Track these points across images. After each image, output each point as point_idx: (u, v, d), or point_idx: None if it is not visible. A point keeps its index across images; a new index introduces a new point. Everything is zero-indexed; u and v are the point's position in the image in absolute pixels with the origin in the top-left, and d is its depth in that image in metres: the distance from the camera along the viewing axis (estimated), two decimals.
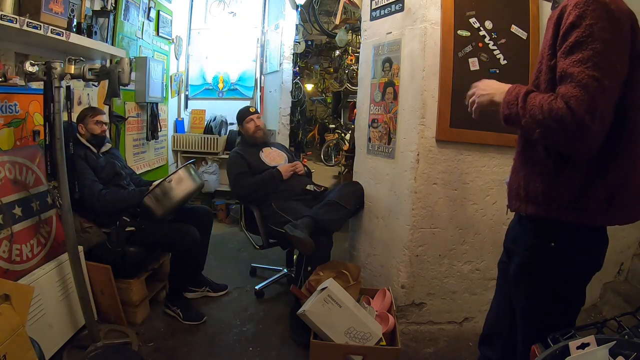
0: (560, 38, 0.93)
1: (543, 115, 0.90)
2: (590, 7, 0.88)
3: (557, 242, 1.01)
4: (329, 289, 1.73)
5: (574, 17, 0.89)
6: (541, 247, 1.04)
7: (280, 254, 2.85)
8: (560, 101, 0.87)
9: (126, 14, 2.84)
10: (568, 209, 0.98)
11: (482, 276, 2.17)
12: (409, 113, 2.05)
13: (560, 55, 0.92)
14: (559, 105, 0.87)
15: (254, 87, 4.29)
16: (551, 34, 0.98)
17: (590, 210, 0.97)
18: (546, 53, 0.99)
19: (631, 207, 1.00)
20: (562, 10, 0.95)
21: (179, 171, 2.20)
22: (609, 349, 0.86)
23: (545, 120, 0.89)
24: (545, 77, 0.99)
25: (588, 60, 0.86)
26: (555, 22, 0.96)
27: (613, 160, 0.96)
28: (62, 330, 1.80)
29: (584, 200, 0.97)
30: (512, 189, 1.13)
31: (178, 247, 2.14)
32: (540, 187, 1.02)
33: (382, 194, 2.26)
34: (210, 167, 4.11)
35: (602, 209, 0.97)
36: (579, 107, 0.84)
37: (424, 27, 1.95)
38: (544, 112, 0.89)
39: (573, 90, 0.86)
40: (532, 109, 0.92)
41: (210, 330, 2.13)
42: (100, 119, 2.16)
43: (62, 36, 1.89)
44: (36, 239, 1.76)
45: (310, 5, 5.52)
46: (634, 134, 0.96)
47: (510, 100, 0.99)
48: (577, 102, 0.85)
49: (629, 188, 0.98)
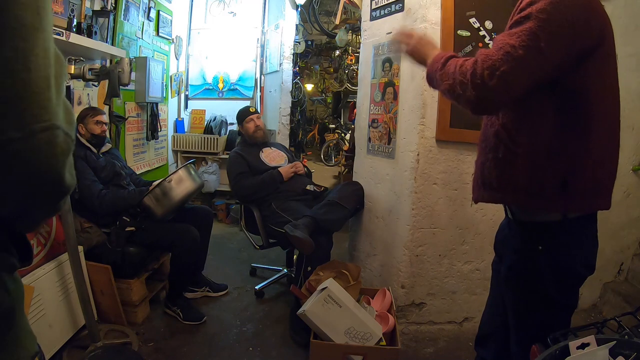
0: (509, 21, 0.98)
1: (455, 69, 0.98)
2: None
3: (545, 246, 1.01)
4: (329, 289, 1.73)
5: (525, 4, 0.94)
6: (529, 250, 1.04)
7: (280, 254, 2.85)
8: (473, 58, 0.95)
9: (126, 14, 2.84)
10: (523, 193, 1.00)
11: (482, 276, 2.17)
12: (409, 113, 2.05)
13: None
14: (470, 61, 0.95)
15: (254, 87, 4.29)
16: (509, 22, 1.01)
17: (546, 196, 0.98)
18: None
19: (588, 197, 0.99)
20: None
21: (179, 171, 2.20)
22: (609, 349, 0.86)
23: (454, 73, 0.97)
24: None
25: (515, 34, 0.91)
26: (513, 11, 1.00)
27: (564, 146, 0.96)
28: (62, 330, 1.80)
29: (537, 185, 0.98)
30: (474, 180, 1.16)
31: (178, 247, 2.14)
32: (495, 173, 1.05)
33: (382, 194, 2.26)
34: (210, 167, 4.11)
35: (557, 196, 0.97)
36: (483, 64, 0.91)
37: (424, 27, 1.95)
38: (457, 66, 0.98)
39: (486, 51, 0.93)
40: (449, 67, 1.01)
41: (210, 330, 2.13)
42: (101, 119, 2.16)
43: (62, 36, 1.89)
44: (36, 239, 1.76)
45: (310, 5, 5.52)
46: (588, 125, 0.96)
47: (435, 60, 1.07)
48: (483, 58, 0.92)
49: (581, 177, 0.97)
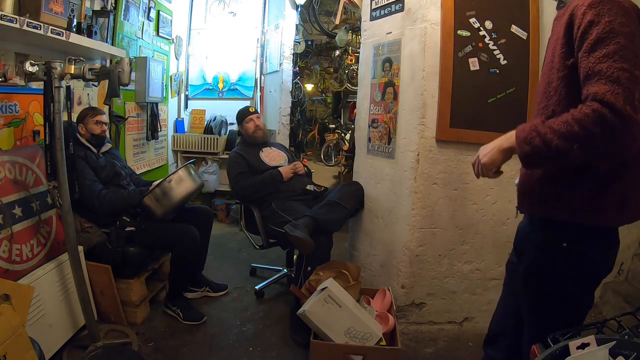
0: (579, 38, 0.92)
1: (579, 125, 0.84)
2: (606, 5, 0.89)
3: (569, 243, 1.01)
4: (329, 289, 1.73)
5: (591, 16, 0.89)
6: (552, 247, 1.04)
7: (280, 254, 2.85)
8: (593, 103, 0.83)
9: (126, 14, 2.84)
10: (583, 211, 0.98)
11: (482, 276, 2.17)
12: (409, 113, 2.05)
13: (582, 54, 0.90)
14: (594, 106, 0.83)
15: (254, 87, 4.29)
16: (562, 33, 0.97)
17: (604, 213, 0.97)
18: (558, 51, 0.98)
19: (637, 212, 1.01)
20: (573, 10, 0.94)
21: (179, 171, 2.20)
22: (609, 349, 0.86)
23: (582, 130, 0.83)
24: (558, 74, 0.98)
25: (614, 55, 0.84)
26: (567, 22, 0.96)
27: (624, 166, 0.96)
28: (62, 330, 1.80)
29: (599, 203, 0.97)
30: (524, 191, 1.11)
31: (178, 247, 2.14)
32: (557, 190, 1.01)
33: (382, 194, 2.26)
34: (210, 167, 4.11)
35: (615, 211, 0.98)
36: (617, 101, 0.81)
37: (424, 27, 1.95)
38: (578, 122, 0.84)
39: (605, 87, 0.83)
40: (560, 128, 0.86)
41: (210, 330, 2.13)
42: (100, 119, 2.16)
43: (62, 36, 1.89)
44: (36, 239, 1.76)
45: (310, 5, 5.52)
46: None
47: (526, 137, 0.93)
48: (613, 96, 0.81)
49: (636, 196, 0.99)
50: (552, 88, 1.00)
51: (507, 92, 2.01)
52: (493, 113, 2.01)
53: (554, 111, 0.97)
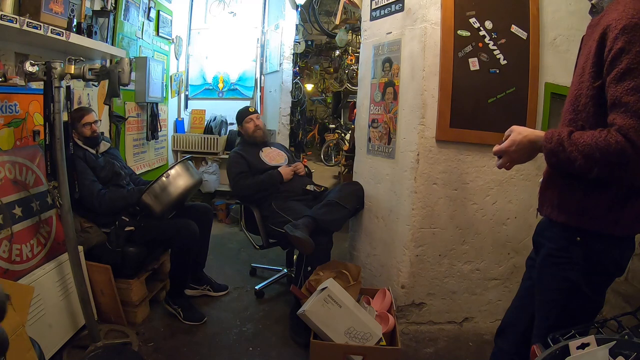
0: (609, 63, 0.93)
1: (601, 153, 0.90)
2: (639, 32, 0.89)
3: (583, 237, 1.04)
4: (329, 289, 1.73)
5: (622, 43, 0.90)
6: (566, 239, 1.07)
7: (280, 254, 2.85)
8: (617, 134, 0.88)
9: (126, 14, 2.84)
10: (600, 220, 1.01)
11: (482, 276, 2.17)
12: (409, 113, 2.05)
13: (610, 81, 0.92)
14: (617, 138, 0.88)
15: (254, 87, 4.29)
16: (593, 51, 0.98)
17: (620, 223, 1.00)
18: (588, 69, 1.00)
19: None
20: (606, 29, 0.95)
21: (175, 166, 2.19)
22: (609, 349, 0.86)
23: (603, 157, 0.90)
24: (587, 93, 1.00)
25: None
26: (599, 40, 0.96)
27: None
28: (62, 330, 1.80)
29: (616, 214, 1.00)
30: (545, 195, 1.14)
31: (177, 241, 2.13)
32: (577, 198, 1.04)
33: (382, 194, 2.26)
34: (210, 167, 4.11)
35: (631, 223, 1.01)
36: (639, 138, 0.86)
37: (424, 27, 1.95)
38: (600, 149, 0.90)
39: (630, 121, 0.87)
40: (584, 149, 0.93)
41: (210, 330, 2.13)
42: (88, 119, 2.09)
43: (62, 36, 1.89)
44: (36, 239, 1.76)
45: (310, 5, 5.53)
46: None
47: (554, 148, 0.99)
48: (637, 133, 0.86)
49: None
50: (580, 104, 1.02)
51: (507, 92, 2.02)
52: (493, 113, 2.01)
53: (583, 127, 1.01)
